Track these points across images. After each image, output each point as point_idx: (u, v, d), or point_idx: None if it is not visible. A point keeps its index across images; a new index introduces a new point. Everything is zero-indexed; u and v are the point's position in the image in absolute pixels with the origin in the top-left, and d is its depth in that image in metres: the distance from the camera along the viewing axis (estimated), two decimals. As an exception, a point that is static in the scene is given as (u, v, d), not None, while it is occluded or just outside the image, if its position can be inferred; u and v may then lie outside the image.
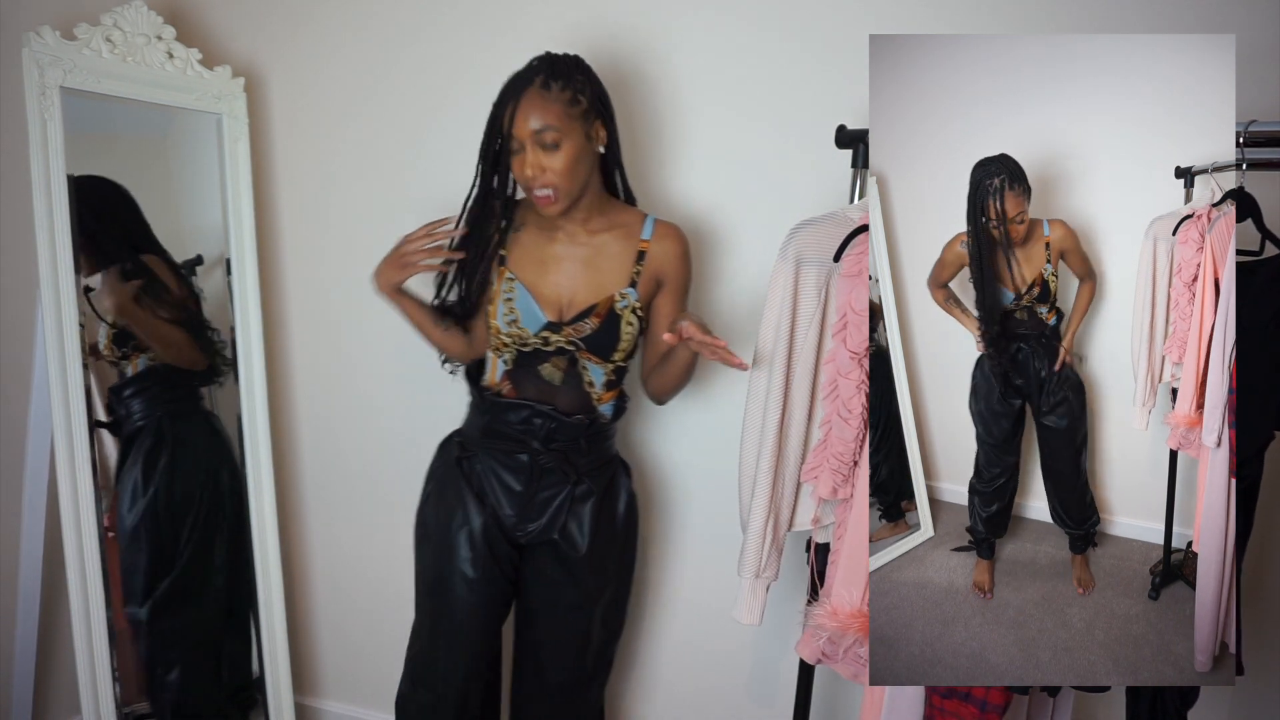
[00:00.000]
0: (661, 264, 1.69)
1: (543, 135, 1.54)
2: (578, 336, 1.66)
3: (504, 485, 1.71)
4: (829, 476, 1.56)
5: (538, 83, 1.55)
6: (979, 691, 1.46)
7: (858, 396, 1.53)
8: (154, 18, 1.93)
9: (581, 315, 1.66)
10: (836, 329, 1.55)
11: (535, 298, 1.66)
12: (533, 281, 1.67)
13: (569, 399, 1.69)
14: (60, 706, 2.15)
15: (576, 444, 1.69)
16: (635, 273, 1.68)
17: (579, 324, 1.66)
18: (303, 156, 2.21)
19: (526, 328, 1.66)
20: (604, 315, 1.66)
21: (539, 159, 1.55)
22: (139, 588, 2.00)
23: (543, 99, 1.54)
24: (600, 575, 1.75)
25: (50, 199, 1.74)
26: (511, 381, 1.70)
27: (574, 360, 1.68)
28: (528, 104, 1.54)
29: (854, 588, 1.52)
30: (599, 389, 1.70)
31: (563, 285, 1.67)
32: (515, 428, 1.68)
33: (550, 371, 1.68)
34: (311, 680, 2.42)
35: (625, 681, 2.21)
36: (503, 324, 1.67)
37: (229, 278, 2.10)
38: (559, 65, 1.58)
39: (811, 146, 1.83)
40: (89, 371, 1.83)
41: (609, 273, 1.67)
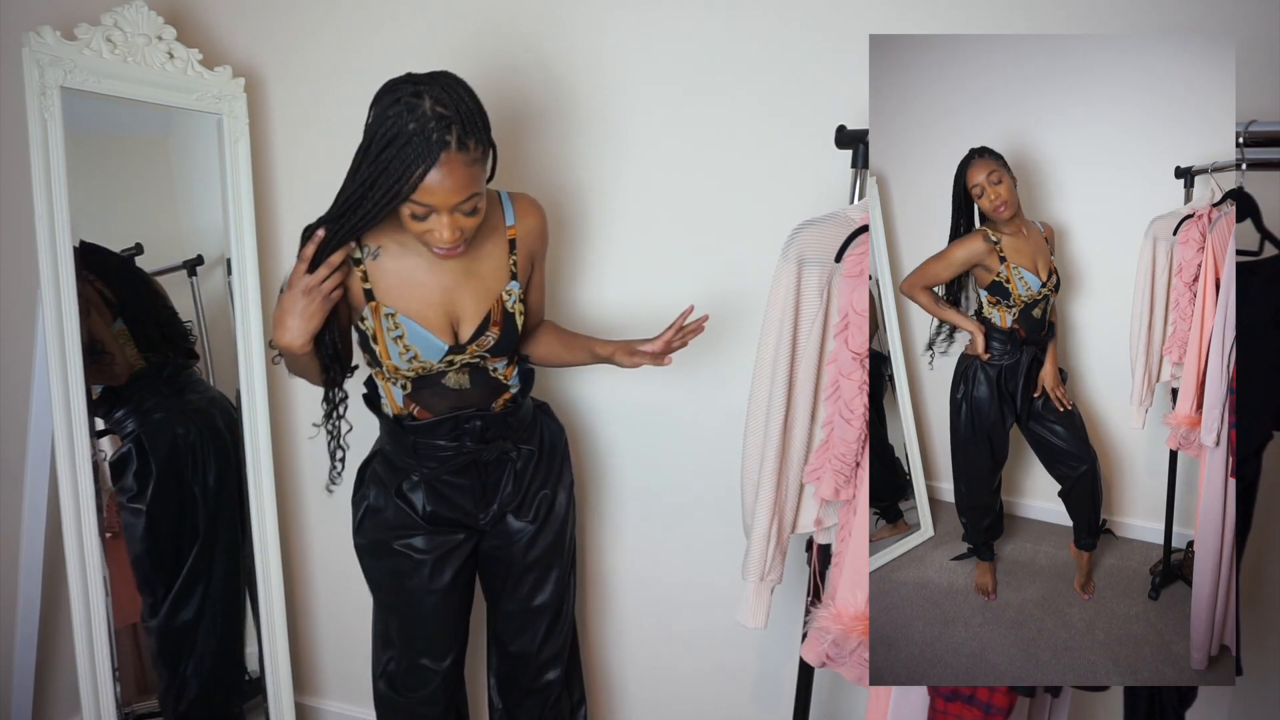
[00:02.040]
0: (530, 242, 1.66)
1: (466, 204, 1.42)
2: (483, 350, 1.61)
3: (453, 486, 1.70)
4: (831, 478, 1.56)
5: (453, 144, 1.36)
6: (983, 694, 1.46)
7: (860, 397, 1.52)
8: (154, 18, 1.93)
9: (479, 329, 1.60)
10: (838, 329, 1.54)
11: (426, 328, 1.56)
12: (417, 311, 1.55)
13: (482, 393, 1.68)
14: (60, 706, 2.15)
15: (507, 425, 1.70)
16: (513, 264, 1.63)
17: (481, 339, 1.60)
18: (303, 156, 2.21)
19: (429, 359, 1.58)
20: (500, 321, 1.61)
21: (459, 222, 1.43)
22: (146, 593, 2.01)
23: (464, 165, 1.38)
24: (552, 518, 1.79)
25: (50, 199, 1.74)
26: (418, 403, 1.66)
27: (478, 365, 1.65)
28: (449, 173, 1.37)
29: (859, 590, 1.52)
30: (503, 370, 1.69)
31: (447, 304, 1.58)
32: (446, 439, 1.66)
33: (457, 379, 1.65)
34: (311, 680, 2.41)
35: (627, 682, 2.21)
36: (401, 364, 1.57)
37: (229, 278, 2.10)
38: (468, 117, 1.38)
39: (811, 146, 1.84)
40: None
41: (490, 276, 1.60)
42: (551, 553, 1.80)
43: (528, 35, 2.00)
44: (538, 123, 2.02)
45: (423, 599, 1.72)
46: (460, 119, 1.37)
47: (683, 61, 1.95)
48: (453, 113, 1.37)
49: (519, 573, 1.79)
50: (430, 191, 1.38)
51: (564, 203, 2.03)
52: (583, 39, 1.98)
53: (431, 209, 1.41)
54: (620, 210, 2.03)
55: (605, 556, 2.17)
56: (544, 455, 1.78)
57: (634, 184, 2.01)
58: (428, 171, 1.36)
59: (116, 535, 1.97)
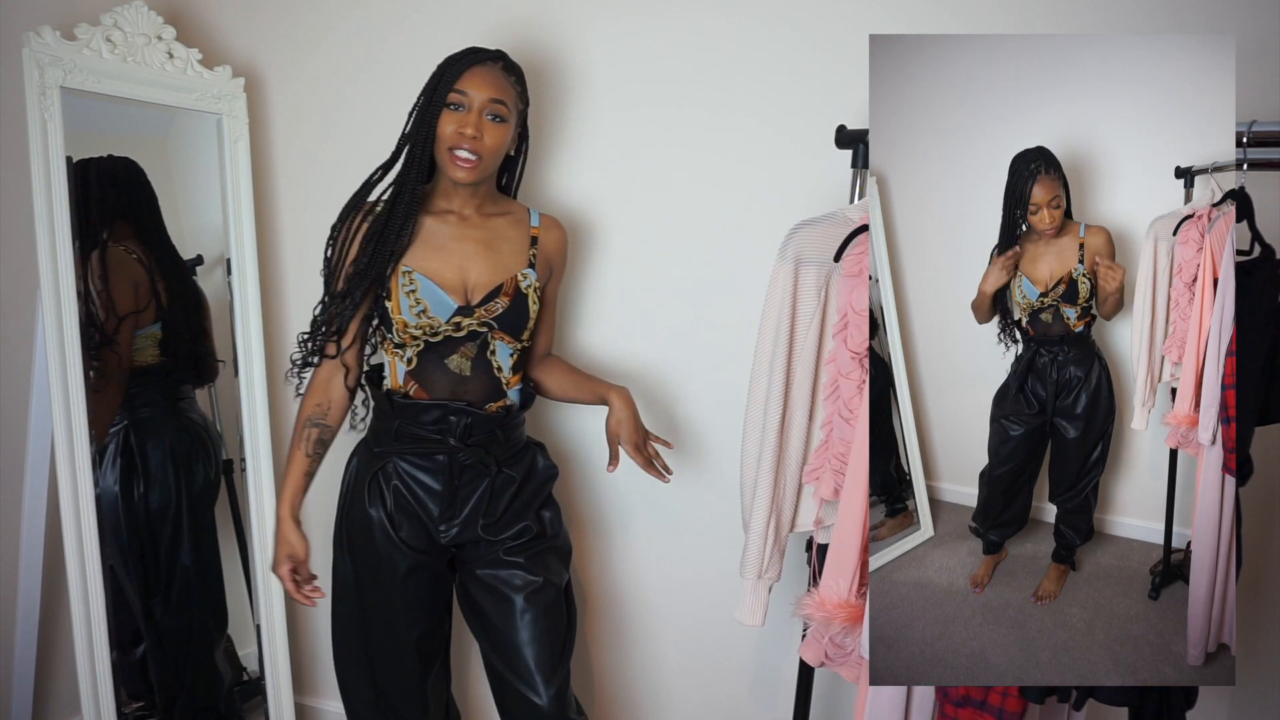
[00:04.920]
0: (551, 252, 1.74)
1: (495, 106, 1.58)
2: (490, 317, 1.64)
3: (423, 486, 1.66)
4: (830, 477, 1.56)
5: (499, 64, 1.61)
6: (995, 699, 1.46)
7: (859, 397, 1.52)
8: (154, 18, 1.93)
9: (490, 296, 1.64)
10: (837, 329, 1.55)
11: (440, 285, 1.62)
12: (435, 269, 1.63)
13: (479, 389, 1.66)
14: (60, 706, 2.15)
15: (494, 436, 1.66)
16: (532, 255, 1.70)
17: (490, 304, 1.64)
18: (303, 156, 2.21)
19: (437, 316, 1.62)
20: (512, 294, 1.65)
21: (481, 123, 1.58)
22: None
23: (504, 78, 1.61)
24: (538, 562, 1.69)
25: (50, 199, 1.74)
26: (417, 381, 1.65)
27: (484, 345, 1.65)
28: (489, 73, 1.59)
29: (841, 579, 1.52)
30: (507, 373, 1.68)
31: (464, 269, 1.65)
32: (429, 428, 1.64)
33: (459, 362, 1.65)
34: (311, 680, 2.42)
35: (626, 682, 2.21)
36: (410, 317, 1.61)
37: (229, 278, 2.10)
38: (510, 60, 1.64)
39: (811, 146, 1.83)
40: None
41: (508, 255, 1.68)
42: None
43: (528, 35, 2.00)
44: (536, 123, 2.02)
45: (392, 596, 1.70)
46: (508, 59, 1.63)
47: (682, 61, 1.95)
48: (502, 54, 1.63)
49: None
50: (467, 80, 1.58)
51: (563, 203, 2.03)
52: (580, 39, 1.99)
53: (465, 99, 1.58)
54: (619, 211, 2.03)
55: (604, 555, 2.17)
56: (525, 485, 1.71)
57: (633, 184, 2.01)
58: (465, 69, 1.58)
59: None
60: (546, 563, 1.71)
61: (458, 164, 1.58)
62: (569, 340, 2.09)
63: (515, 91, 1.63)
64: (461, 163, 1.58)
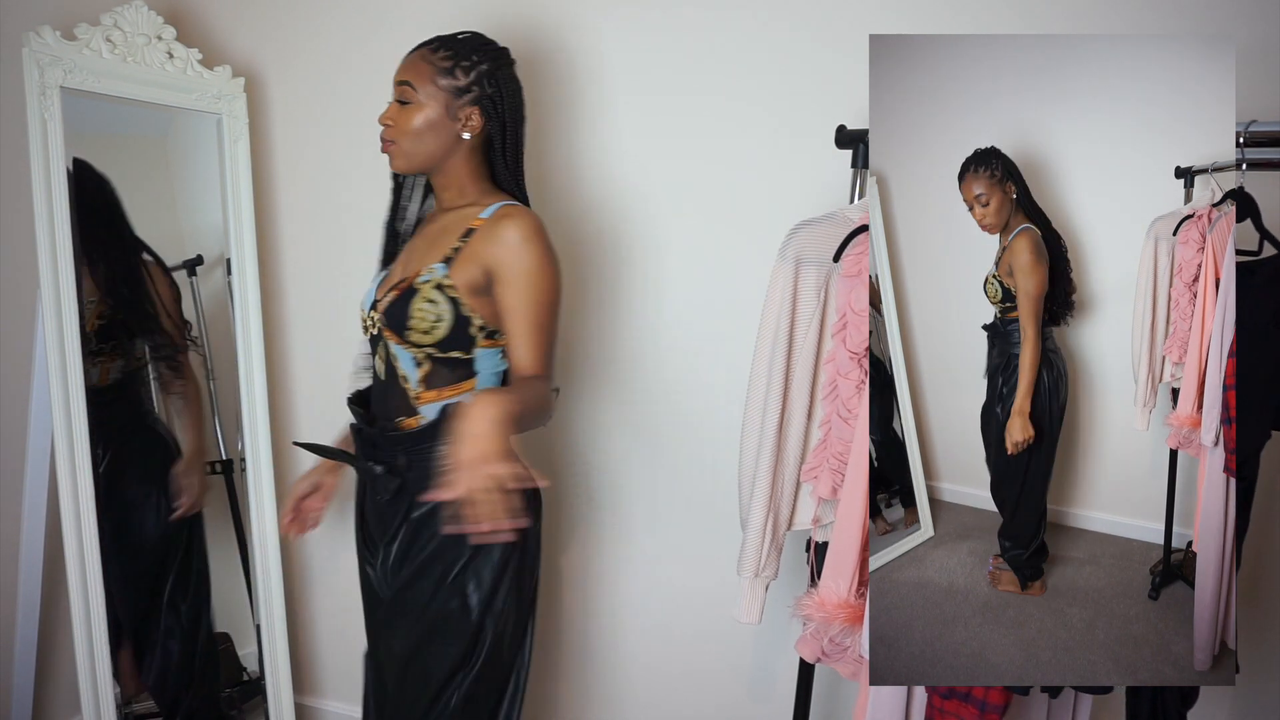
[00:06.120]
0: (490, 247, 1.47)
1: (400, 89, 1.53)
2: (379, 314, 1.54)
3: (360, 508, 1.64)
4: (829, 476, 1.56)
5: (429, 47, 1.55)
6: (978, 691, 1.46)
7: (857, 396, 1.53)
8: (154, 18, 1.93)
9: (390, 290, 1.54)
10: (836, 329, 1.55)
11: (380, 281, 1.61)
12: (393, 266, 1.62)
13: (392, 400, 1.54)
14: (60, 706, 2.15)
15: (396, 453, 1.51)
16: (453, 250, 1.50)
17: (386, 297, 1.54)
18: (303, 156, 2.21)
19: (363, 307, 1.60)
20: (403, 289, 1.50)
21: (393, 110, 1.53)
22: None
23: (420, 58, 1.54)
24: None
25: (50, 199, 1.74)
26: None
27: (387, 349, 1.54)
28: (409, 59, 1.55)
29: (840, 579, 1.52)
30: (414, 385, 1.51)
31: (405, 264, 1.58)
32: (359, 437, 1.60)
33: (378, 364, 1.58)
34: (311, 680, 2.42)
35: (625, 681, 2.21)
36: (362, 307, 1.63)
37: (229, 278, 2.10)
38: (457, 39, 1.56)
39: (811, 146, 1.83)
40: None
41: (439, 249, 1.52)
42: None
43: (527, 36, 2.00)
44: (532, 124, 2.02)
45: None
46: (449, 38, 1.57)
47: (681, 61, 1.95)
48: (449, 36, 1.58)
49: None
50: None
51: (561, 204, 2.03)
52: (579, 39, 1.99)
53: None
54: (618, 211, 2.03)
55: (601, 552, 2.17)
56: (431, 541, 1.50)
57: (631, 185, 2.01)
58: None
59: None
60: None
61: (382, 147, 1.55)
62: (568, 340, 2.09)
63: (436, 69, 1.51)
64: (383, 147, 1.54)
